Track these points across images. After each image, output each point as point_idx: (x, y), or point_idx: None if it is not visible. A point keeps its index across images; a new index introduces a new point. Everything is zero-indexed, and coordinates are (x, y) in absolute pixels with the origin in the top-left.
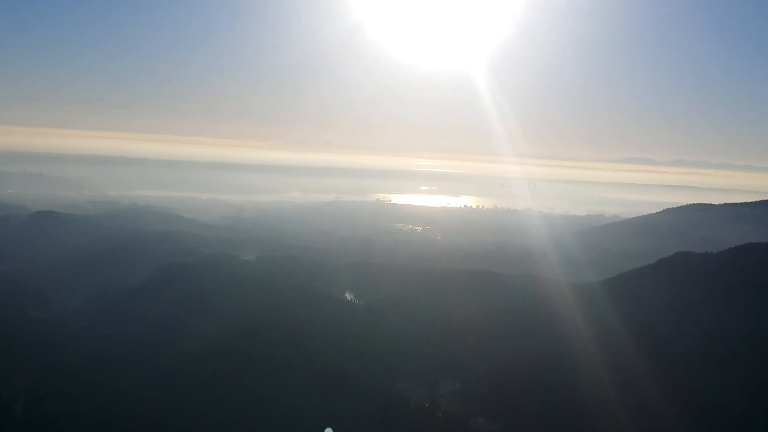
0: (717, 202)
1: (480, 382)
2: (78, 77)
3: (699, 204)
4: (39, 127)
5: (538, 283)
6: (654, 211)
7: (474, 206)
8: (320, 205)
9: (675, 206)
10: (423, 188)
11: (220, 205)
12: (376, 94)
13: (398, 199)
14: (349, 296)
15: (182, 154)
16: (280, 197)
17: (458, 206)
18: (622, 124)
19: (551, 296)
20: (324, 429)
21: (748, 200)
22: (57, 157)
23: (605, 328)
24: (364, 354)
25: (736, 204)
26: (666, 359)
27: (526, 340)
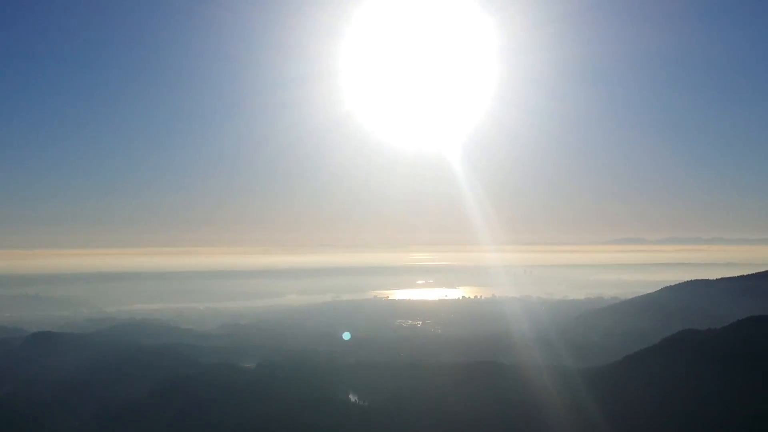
0: (714, 278)
1: None
2: (68, 198)
3: (697, 280)
4: (33, 249)
5: (545, 370)
6: (652, 290)
7: (472, 296)
8: (318, 306)
9: (673, 284)
10: (419, 282)
11: (218, 313)
12: (365, 191)
13: (396, 294)
14: (353, 397)
15: (177, 265)
16: (277, 301)
17: (456, 297)
18: (611, 206)
19: (559, 383)
20: None
21: (745, 273)
22: (53, 277)
23: (615, 412)
24: None
25: (734, 278)
26: None
27: (539, 430)
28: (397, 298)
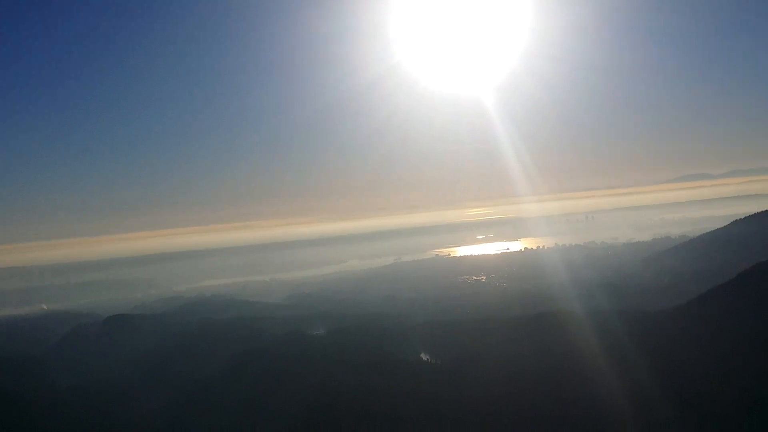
0: None
1: (588, 428)
2: (127, 183)
3: None
4: (100, 235)
5: (615, 317)
6: (721, 225)
7: (534, 248)
8: (380, 269)
9: (743, 216)
10: (479, 237)
11: (283, 284)
12: (418, 151)
13: (457, 251)
14: (424, 357)
15: (240, 240)
16: (339, 268)
17: (518, 250)
18: (669, 143)
19: (634, 329)
20: None
21: None
22: (122, 261)
23: (696, 353)
24: (452, 415)
25: None
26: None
27: (621, 377)
28: (458, 255)
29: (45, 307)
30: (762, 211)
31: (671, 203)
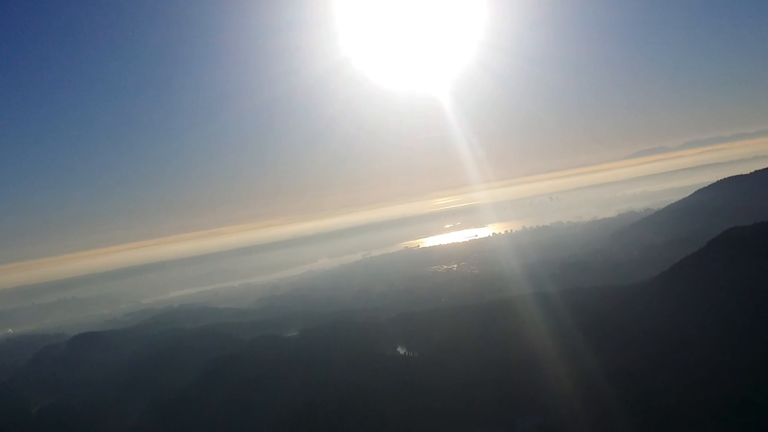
0: (747, 172)
1: (560, 409)
2: (87, 199)
3: (730, 177)
4: (61, 254)
5: (592, 294)
6: (684, 196)
7: (502, 232)
8: (350, 266)
9: (706, 185)
10: (447, 226)
11: (254, 288)
12: (377, 144)
13: (426, 242)
14: (402, 350)
15: (206, 248)
16: (309, 267)
17: (487, 236)
18: (624, 120)
19: (611, 305)
20: None
21: None
22: (86, 279)
23: (676, 323)
24: (430, 407)
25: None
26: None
27: (598, 355)
28: (428, 246)
29: (11, 331)
30: (725, 179)
31: (631, 179)
